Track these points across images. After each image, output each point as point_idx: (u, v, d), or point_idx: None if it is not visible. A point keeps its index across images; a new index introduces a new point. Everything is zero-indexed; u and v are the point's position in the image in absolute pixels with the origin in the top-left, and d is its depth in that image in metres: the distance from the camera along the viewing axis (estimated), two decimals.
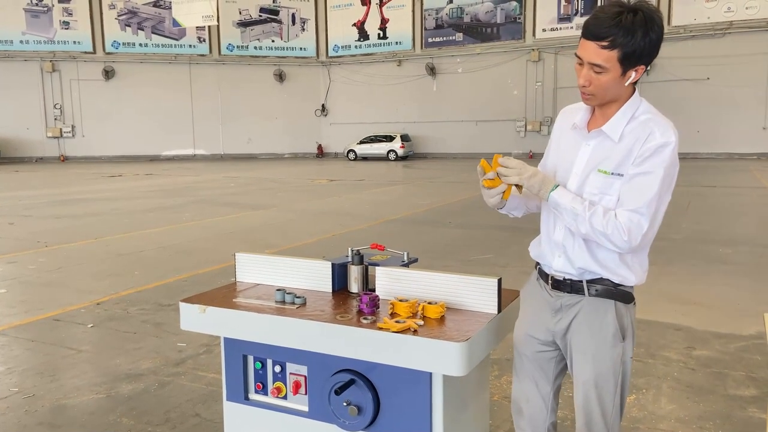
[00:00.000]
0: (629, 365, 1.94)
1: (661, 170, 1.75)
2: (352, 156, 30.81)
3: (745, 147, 24.82)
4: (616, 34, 1.67)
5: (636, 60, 1.72)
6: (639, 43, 1.68)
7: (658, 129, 1.77)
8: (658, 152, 1.75)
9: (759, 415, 3.30)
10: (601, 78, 1.74)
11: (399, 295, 2.11)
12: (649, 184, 1.75)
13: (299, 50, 34.19)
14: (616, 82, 1.75)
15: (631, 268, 1.89)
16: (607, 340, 1.89)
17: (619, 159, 1.80)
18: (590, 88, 1.78)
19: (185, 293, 5.27)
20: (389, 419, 1.92)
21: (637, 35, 1.67)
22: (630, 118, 1.82)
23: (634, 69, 1.74)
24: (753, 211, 11.07)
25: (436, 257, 7.29)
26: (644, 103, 1.84)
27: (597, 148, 1.86)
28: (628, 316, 1.92)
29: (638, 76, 1.77)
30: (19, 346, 4.60)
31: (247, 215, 11.47)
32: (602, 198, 1.82)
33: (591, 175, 1.84)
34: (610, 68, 1.72)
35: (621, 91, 1.80)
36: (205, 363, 4.18)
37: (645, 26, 1.67)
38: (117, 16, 31.78)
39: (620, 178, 1.79)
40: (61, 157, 31.30)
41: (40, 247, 8.40)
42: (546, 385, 2.08)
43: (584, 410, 1.95)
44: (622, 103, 1.83)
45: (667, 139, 1.75)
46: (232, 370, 2.19)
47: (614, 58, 1.70)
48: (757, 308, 5.16)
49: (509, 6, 29.55)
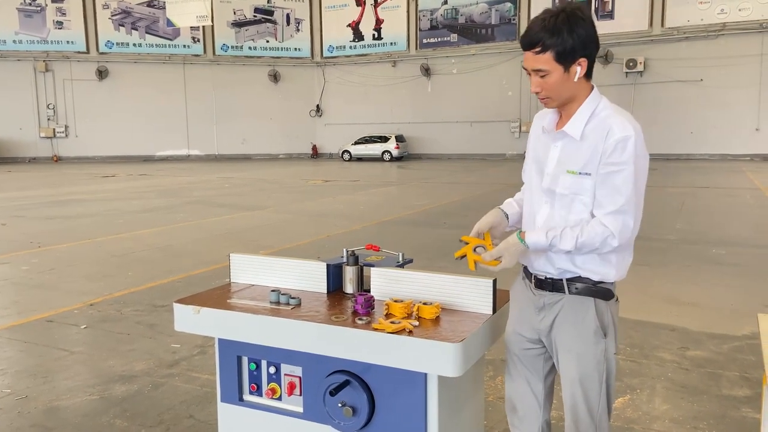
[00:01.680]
0: (613, 362, 1.97)
1: (631, 165, 1.79)
2: (346, 157, 30.78)
3: (738, 148, 24.92)
4: (544, 37, 1.78)
5: (572, 56, 1.80)
6: (567, 40, 1.77)
7: (616, 124, 1.82)
8: (621, 147, 1.79)
9: (753, 415, 3.31)
10: (548, 80, 1.83)
11: (394, 295, 2.11)
12: (623, 182, 1.80)
13: (294, 51, 34.14)
14: (564, 79, 1.83)
15: (613, 265, 1.92)
16: (588, 337, 1.92)
17: (585, 158, 1.85)
18: (543, 92, 1.87)
19: (179, 294, 5.24)
20: (384, 420, 1.92)
21: (563, 34, 1.77)
22: (590, 116, 1.87)
23: (575, 64, 1.81)
24: (746, 212, 11.12)
25: (431, 258, 7.29)
26: (604, 100, 1.90)
27: (564, 149, 1.91)
28: (608, 312, 1.95)
29: (584, 70, 1.83)
30: (11, 348, 4.57)
31: (241, 216, 11.45)
32: (574, 197, 1.87)
33: (561, 176, 1.90)
34: (551, 69, 1.81)
35: (574, 88, 1.86)
36: (199, 364, 4.16)
37: (568, 24, 1.77)
38: (111, 15, 31.65)
39: (588, 177, 1.84)
40: (54, 158, 31.15)
41: (33, 248, 8.35)
42: (538, 383, 2.10)
43: (571, 408, 1.99)
44: (581, 102, 1.88)
45: (626, 133, 1.80)
46: (227, 372, 2.18)
47: (551, 59, 1.80)
48: (750, 308, 5.18)
49: (504, 7, 29.60)
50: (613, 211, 1.80)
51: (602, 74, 27.02)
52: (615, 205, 1.80)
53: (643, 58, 26.21)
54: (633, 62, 26.18)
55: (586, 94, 1.89)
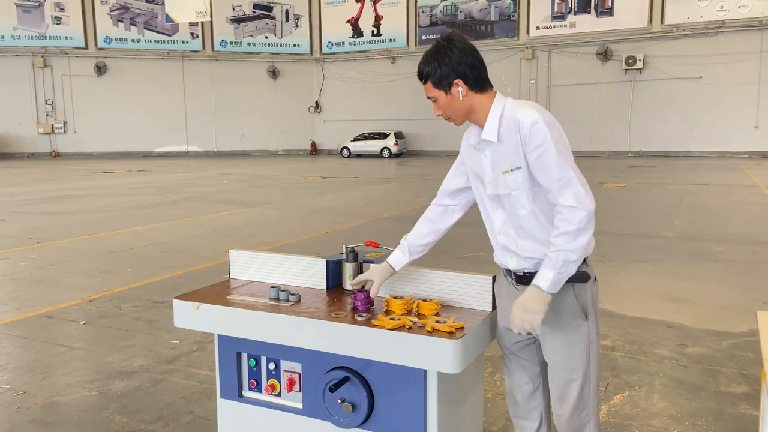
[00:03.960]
0: (596, 343, 2.04)
1: (550, 143, 1.88)
2: (345, 153, 30.75)
3: (737, 145, 24.93)
4: (422, 69, 2.01)
5: (446, 80, 1.97)
6: (437, 69, 1.96)
7: (522, 115, 1.92)
8: (534, 132, 1.89)
9: (751, 411, 3.32)
10: (439, 104, 2.02)
11: (393, 292, 2.11)
12: (553, 159, 1.88)
13: (293, 47, 34.07)
14: (450, 101, 2.00)
15: None
16: (570, 322, 1.99)
17: (510, 156, 1.96)
18: (443, 113, 2.05)
19: (178, 290, 5.24)
20: (383, 416, 1.92)
21: (433, 64, 1.97)
22: (499, 118, 1.98)
23: (453, 85, 1.97)
24: (745, 209, 11.13)
25: (430, 254, 7.28)
26: (508, 101, 2.01)
27: (492, 155, 2.02)
28: (587, 294, 2.01)
29: (465, 89, 1.97)
30: (10, 343, 4.57)
31: (240, 212, 11.44)
32: (517, 193, 1.97)
33: (499, 179, 2.00)
34: (436, 95, 2.00)
35: (465, 104, 1.99)
36: (199, 360, 4.17)
37: (436, 55, 1.96)
38: (109, 11, 31.55)
39: (519, 170, 1.95)
40: (52, 153, 31.08)
41: (32, 244, 8.35)
42: (535, 369, 2.15)
43: (560, 393, 2.03)
44: (487, 110, 2.00)
45: (532, 119, 1.90)
46: (226, 368, 2.18)
47: (431, 87, 2.00)
48: (748, 305, 5.19)
49: (503, 4, 29.55)
50: (560, 189, 1.87)
51: (601, 71, 27.02)
52: (558, 181, 1.88)
53: (642, 56, 26.18)
54: (632, 59, 26.15)
55: (489, 102, 2.00)
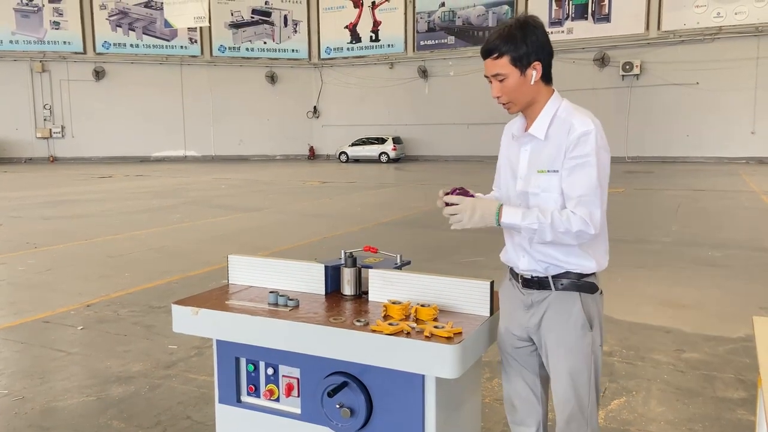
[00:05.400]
0: (600, 354, 2.03)
1: (593, 157, 1.87)
2: (344, 158, 30.77)
3: (734, 151, 25.00)
4: (500, 44, 1.91)
5: (526, 59, 1.91)
6: (521, 45, 1.90)
7: (577, 121, 1.91)
8: (583, 141, 1.88)
9: (748, 417, 3.33)
10: (507, 85, 1.95)
11: (392, 297, 2.12)
12: (587, 173, 1.88)
13: (291, 52, 34.13)
14: (521, 82, 1.93)
15: (591, 256, 1.98)
16: (576, 331, 1.98)
17: (552, 157, 1.93)
18: (503, 97, 1.98)
19: (176, 295, 5.25)
20: (382, 421, 1.92)
21: (517, 40, 1.90)
22: (552, 117, 1.96)
23: (530, 67, 1.92)
24: (742, 215, 11.16)
25: (428, 260, 7.30)
26: (565, 102, 1.99)
27: (532, 151, 1.99)
28: (594, 306, 2.01)
29: (539, 73, 1.93)
30: (8, 349, 4.56)
31: (238, 217, 11.44)
32: (547, 196, 1.94)
33: (532, 177, 1.97)
34: (509, 73, 1.93)
35: (532, 91, 1.95)
36: (197, 365, 4.16)
37: (521, 31, 1.90)
38: (108, 16, 31.59)
39: (556, 174, 1.92)
40: (50, 158, 31.06)
41: (30, 249, 8.34)
42: (534, 378, 2.14)
43: (562, 402, 2.02)
44: (543, 105, 1.97)
45: (586, 128, 1.88)
46: (225, 373, 2.18)
47: (507, 63, 1.92)
48: (745, 311, 5.20)
49: (501, 10, 29.65)
50: (580, 202, 1.87)
51: (599, 77, 27.07)
52: (581, 195, 1.87)
53: (639, 61, 26.27)
54: (629, 65, 26.24)
55: (547, 97, 1.98)
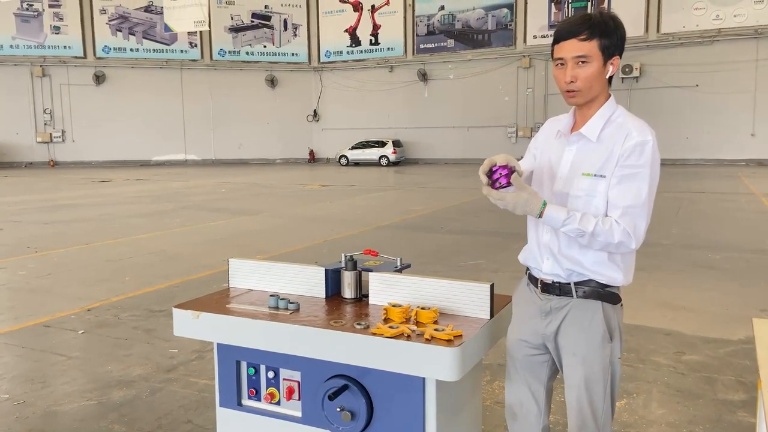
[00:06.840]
0: (618, 366, 1.97)
1: (647, 169, 1.82)
2: (343, 161, 30.80)
3: (733, 153, 25.02)
4: (592, 27, 1.82)
5: (612, 50, 1.84)
6: (613, 33, 1.83)
7: (635, 129, 1.85)
8: (639, 150, 1.82)
9: (748, 419, 3.33)
10: (587, 70, 1.83)
11: (392, 300, 2.12)
12: (639, 185, 1.82)
13: (291, 56, 34.18)
14: (599, 74, 1.85)
15: (620, 268, 1.93)
16: (595, 341, 1.92)
17: (602, 161, 1.86)
18: (577, 83, 1.85)
19: (176, 299, 5.25)
20: (382, 424, 1.93)
21: (610, 26, 1.83)
22: (607, 120, 1.89)
23: (610, 61, 1.85)
24: (742, 217, 11.16)
25: (429, 263, 7.30)
26: (620, 108, 1.93)
27: (579, 152, 1.92)
28: (615, 317, 1.95)
29: (615, 70, 1.87)
30: (8, 353, 4.56)
31: (238, 221, 11.44)
32: (589, 200, 1.87)
33: (575, 179, 1.90)
34: (593, 58, 1.83)
35: (601, 86, 1.88)
36: (197, 369, 4.16)
37: (614, 21, 1.85)
38: (108, 20, 31.64)
39: (603, 179, 1.85)
40: (50, 163, 31.07)
41: (30, 253, 8.34)
42: (539, 388, 2.09)
43: (576, 412, 1.97)
44: (599, 106, 1.91)
45: (644, 137, 1.83)
46: (225, 376, 2.19)
47: (596, 47, 1.82)
48: (745, 313, 5.20)
49: (500, 13, 29.69)
50: (626, 213, 1.80)
51: None
52: (629, 206, 1.81)
53: (638, 64, 26.30)
54: (629, 68, 26.27)
55: (605, 99, 1.91)
